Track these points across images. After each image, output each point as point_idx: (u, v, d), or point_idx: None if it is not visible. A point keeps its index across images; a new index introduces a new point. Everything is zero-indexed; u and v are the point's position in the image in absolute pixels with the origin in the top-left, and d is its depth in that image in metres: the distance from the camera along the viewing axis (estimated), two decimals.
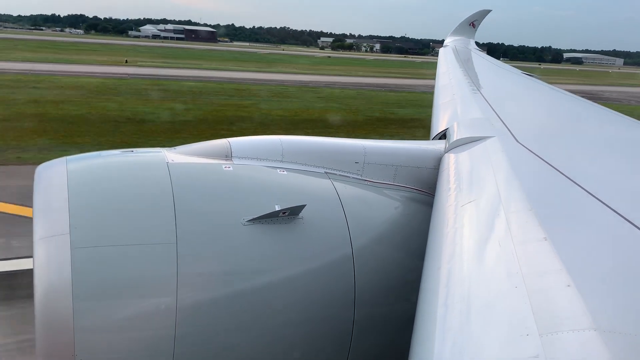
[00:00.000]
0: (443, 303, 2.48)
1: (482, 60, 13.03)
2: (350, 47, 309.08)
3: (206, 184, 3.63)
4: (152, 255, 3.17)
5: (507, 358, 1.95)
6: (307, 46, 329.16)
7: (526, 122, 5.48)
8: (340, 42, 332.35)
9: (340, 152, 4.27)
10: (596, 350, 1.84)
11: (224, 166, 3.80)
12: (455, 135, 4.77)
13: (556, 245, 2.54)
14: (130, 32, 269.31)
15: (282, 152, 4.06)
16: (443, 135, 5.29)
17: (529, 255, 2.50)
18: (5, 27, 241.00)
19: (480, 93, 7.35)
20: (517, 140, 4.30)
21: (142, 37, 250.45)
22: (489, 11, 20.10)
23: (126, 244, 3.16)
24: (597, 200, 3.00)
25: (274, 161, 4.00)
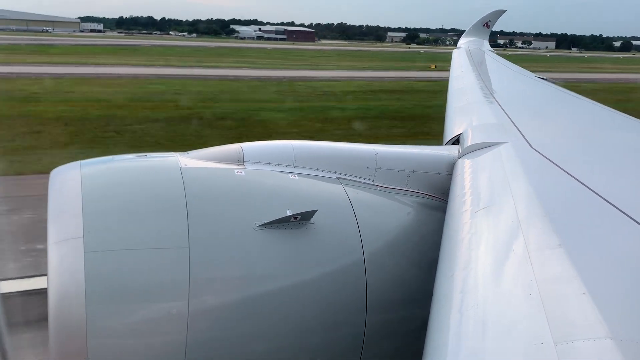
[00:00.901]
0: (457, 310, 2.45)
1: (496, 63, 12.99)
2: (434, 42, 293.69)
3: (218, 188, 3.65)
4: (165, 259, 3.19)
5: None
6: (382, 41, 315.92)
7: (540, 127, 5.43)
8: (415, 36, 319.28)
9: (352, 157, 4.26)
10: None
11: (236, 171, 3.81)
12: (468, 141, 4.74)
13: (571, 253, 2.51)
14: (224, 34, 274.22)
15: (294, 157, 4.07)
16: (456, 141, 5.27)
17: (543, 263, 2.47)
18: (109, 32, 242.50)
19: (494, 98, 7.33)
20: (531, 146, 4.27)
21: (248, 38, 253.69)
22: (503, 11, 19.94)
23: (139, 248, 3.18)
24: (613, 207, 2.96)
25: (286, 166, 4.00)
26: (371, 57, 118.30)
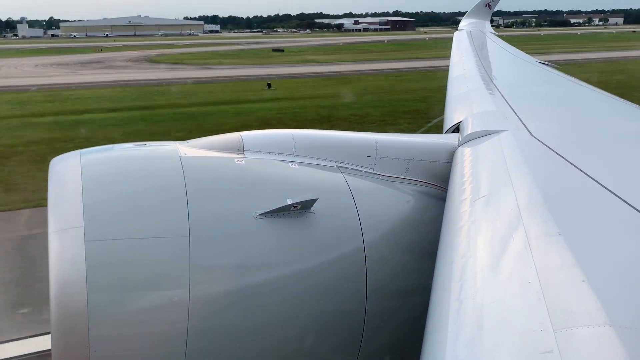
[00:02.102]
0: (456, 298, 2.46)
1: (497, 47, 12.73)
2: (564, 23, 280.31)
3: (218, 177, 3.65)
4: (165, 248, 3.19)
5: (521, 354, 1.94)
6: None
7: (541, 115, 5.40)
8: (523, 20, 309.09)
9: (352, 145, 4.25)
10: (611, 346, 1.83)
11: (236, 160, 3.81)
12: (468, 129, 4.72)
13: (571, 240, 2.51)
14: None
15: (294, 145, 4.06)
16: (456, 129, 5.26)
17: (543, 251, 2.48)
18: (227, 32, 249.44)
19: (494, 85, 7.27)
20: (531, 134, 4.26)
21: (355, 30, 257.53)
22: None
23: (139, 237, 3.19)
24: (613, 195, 2.95)
25: (286, 155, 3.99)
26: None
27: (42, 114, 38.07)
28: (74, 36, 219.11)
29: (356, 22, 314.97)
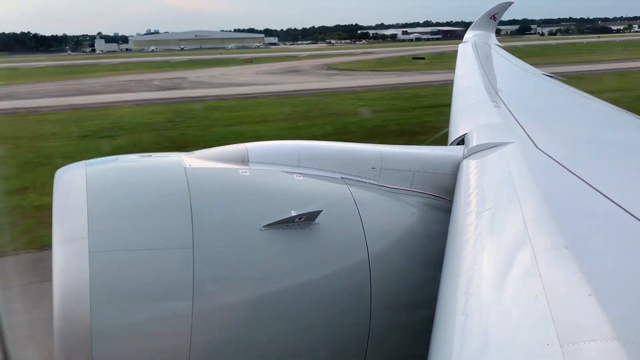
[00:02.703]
0: (462, 311, 2.44)
1: (502, 59, 12.77)
2: (604, 30, 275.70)
3: (223, 188, 3.66)
4: (169, 259, 3.21)
5: None
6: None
7: (546, 127, 5.40)
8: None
9: (356, 157, 4.26)
10: None
11: (240, 171, 3.82)
12: (473, 141, 4.73)
13: (577, 254, 2.50)
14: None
15: (299, 157, 4.07)
16: (461, 141, 5.25)
17: (549, 264, 2.46)
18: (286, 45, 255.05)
19: (499, 97, 7.27)
20: (536, 147, 4.25)
21: (408, 41, 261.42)
22: (510, 3, 19.58)
23: (143, 248, 3.21)
24: (620, 208, 2.93)
25: (291, 166, 4.00)
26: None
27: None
28: (153, 50, 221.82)
29: (405, 33, 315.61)
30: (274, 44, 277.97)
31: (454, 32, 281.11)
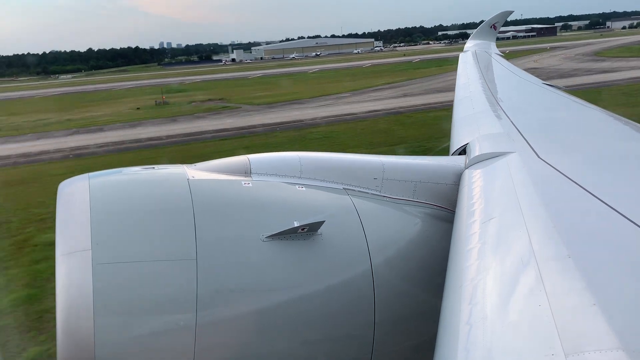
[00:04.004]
0: (465, 321, 2.44)
1: (502, 69, 12.83)
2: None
3: (226, 200, 3.67)
4: (173, 271, 3.21)
5: None
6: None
7: (548, 136, 5.46)
8: None
9: (358, 168, 4.27)
10: None
11: (243, 182, 3.84)
12: (475, 151, 4.75)
13: (580, 263, 2.50)
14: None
15: (301, 168, 4.08)
16: (463, 151, 5.29)
17: (552, 274, 2.46)
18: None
19: (500, 106, 7.31)
20: (538, 156, 4.27)
21: (504, 39, 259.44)
22: (510, 12, 19.92)
23: (147, 260, 3.21)
24: (623, 217, 2.93)
25: (293, 177, 4.02)
26: None
27: None
28: (293, 57, 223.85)
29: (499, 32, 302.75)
30: (380, 47, 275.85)
31: (547, 29, 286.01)
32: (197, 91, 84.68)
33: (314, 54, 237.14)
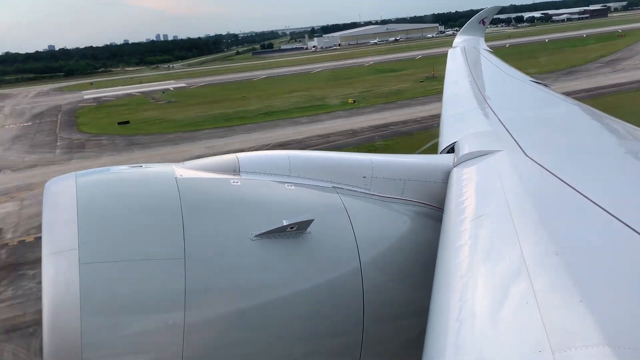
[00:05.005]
0: (454, 319, 2.48)
1: (491, 66, 12.68)
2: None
3: (214, 198, 3.68)
4: (160, 270, 3.21)
5: None
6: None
7: (535, 135, 5.49)
8: None
9: (347, 166, 4.32)
10: None
11: (232, 181, 3.85)
12: (463, 149, 4.79)
13: (567, 261, 2.54)
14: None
15: (290, 167, 4.11)
16: (451, 149, 5.31)
17: (540, 271, 2.51)
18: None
19: (488, 104, 7.41)
20: (525, 154, 4.31)
21: (560, 21, 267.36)
22: (499, 7, 20.04)
23: (134, 260, 3.21)
24: (609, 215, 2.98)
25: (282, 176, 4.04)
26: None
27: None
28: (375, 43, 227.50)
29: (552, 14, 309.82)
30: (442, 32, 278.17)
31: (600, 10, 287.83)
32: (416, 69, 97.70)
33: (393, 39, 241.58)
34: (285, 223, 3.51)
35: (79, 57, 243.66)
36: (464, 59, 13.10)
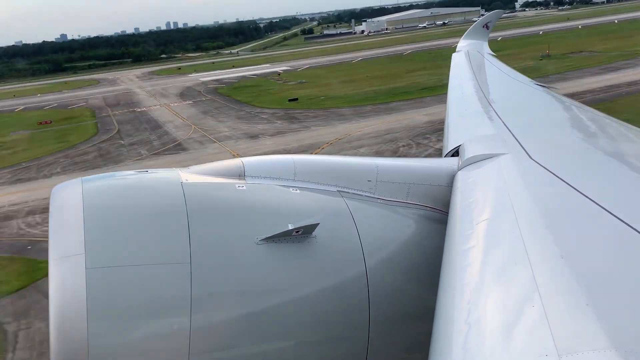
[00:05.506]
0: (460, 322, 2.49)
1: (495, 69, 12.77)
2: None
3: (220, 203, 3.71)
4: (166, 275, 3.24)
5: None
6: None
7: (539, 138, 5.51)
8: None
9: (352, 170, 4.34)
10: None
11: (237, 185, 3.88)
12: (468, 153, 4.81)
13: (573, 264, 2.55)
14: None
15: (295, 171, 4.14)
16: (456, 152, 5.32)
17: (546, 274, 2.51)
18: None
19: (493, 108, 7.43)
20: (530, 157, 4.33)
21: (598, 3, 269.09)
22: (503, 12, 19.68)
23: (140, 264, 3.24)
24: (615, 218, 2.98)
25: (287, 180, 4.07)
26: None
27: None
28: (424, 27, 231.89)
29: None
30: (482, 15, 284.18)
31: None
32: (516, 49, 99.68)
33: (441, 22, 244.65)
34: (290, 227, 3.53)
35: (141, 44, 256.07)
36: (468, 62, 13.22)
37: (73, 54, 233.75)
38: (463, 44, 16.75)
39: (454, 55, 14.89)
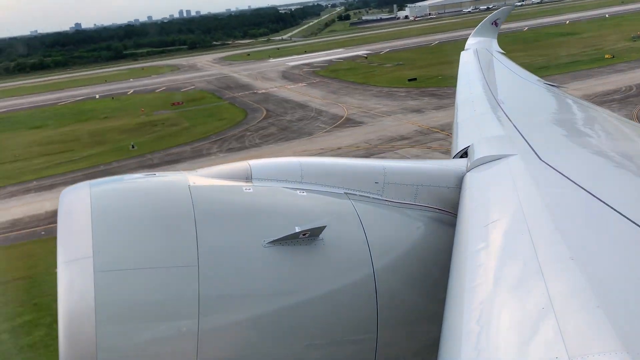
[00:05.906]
0: (469, 325, 2.47)
1: (504, 68, 12.57)
2: None
3: (227, 206, 3.72)
4: (174, 278, 3.25)
5: None
6: None
7: (549, 138, 5.45)
8: None
9: (359, 172, 4.33)
10: None
11: (244, 188, 3.89)
12: (477, 154, 4.79)
13: (584, 266, 2.52)
14: None
15: (302, 173, 4.14)
16: (464, 154, 5.29)
17: (556, 276, 2.49)
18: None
19: (502, 108, 7.37)
20: (539, 158, 4.29)
21: None
22: (512, 8, 19.92)
23: (148, 267, 3.25)
24: (626, 219, 2.95)
25: (294, 182, 4.07)
26: None
27: None
28: (469, 11, 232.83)
29: None
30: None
31: None
32: (596, 32, 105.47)
33: (485, 7, 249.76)
34: (297, 230, 3.53)
35: (198, 30, 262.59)
36: (477, 61, 12.95)
37: (123, 42, 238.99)
38: (472, 41, 16.32)
39: (462, 53, 14.56)
